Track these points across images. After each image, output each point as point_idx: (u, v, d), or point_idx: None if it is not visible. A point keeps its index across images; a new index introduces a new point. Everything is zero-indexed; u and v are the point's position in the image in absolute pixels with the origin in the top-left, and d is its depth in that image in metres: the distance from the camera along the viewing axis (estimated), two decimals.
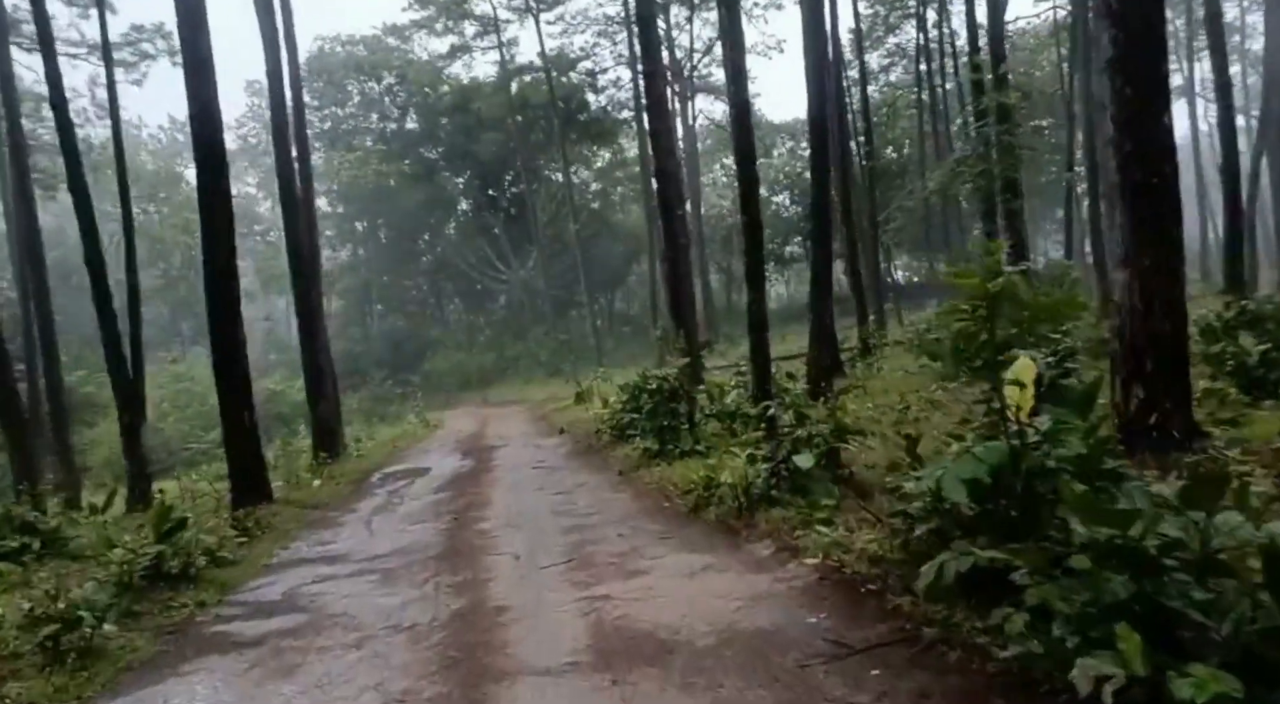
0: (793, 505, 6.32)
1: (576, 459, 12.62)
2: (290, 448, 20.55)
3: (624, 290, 57.93)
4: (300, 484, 12.76)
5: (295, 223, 16.64)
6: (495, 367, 43.57)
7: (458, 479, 12.08)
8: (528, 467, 12.43)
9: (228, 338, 10.56)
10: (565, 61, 45.03)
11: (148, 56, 29.20)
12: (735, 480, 6.78)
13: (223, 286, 10.48)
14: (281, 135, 16.69)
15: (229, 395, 10.55)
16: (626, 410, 13.00)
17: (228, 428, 10.62)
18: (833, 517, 5.89)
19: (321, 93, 45.71)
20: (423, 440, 21.08)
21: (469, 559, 6.80)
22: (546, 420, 22.10)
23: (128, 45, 28.29)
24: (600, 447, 13.19)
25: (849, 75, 52.31)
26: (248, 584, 6.85)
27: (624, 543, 6.65)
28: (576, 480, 10.43)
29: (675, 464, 9.62)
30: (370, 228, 49.25)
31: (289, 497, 11.48)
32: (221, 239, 10.43)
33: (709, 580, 5.20)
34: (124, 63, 29.21)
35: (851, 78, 52.91)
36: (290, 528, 9.23)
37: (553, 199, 49.54)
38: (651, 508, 8.03)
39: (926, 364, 17.13)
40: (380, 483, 12.73)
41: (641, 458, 10.51)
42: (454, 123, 45.97)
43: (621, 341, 46.59)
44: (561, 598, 5.24)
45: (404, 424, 28.76)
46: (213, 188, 10.37)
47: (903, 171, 49.50)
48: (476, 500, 9.85)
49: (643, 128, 42.21)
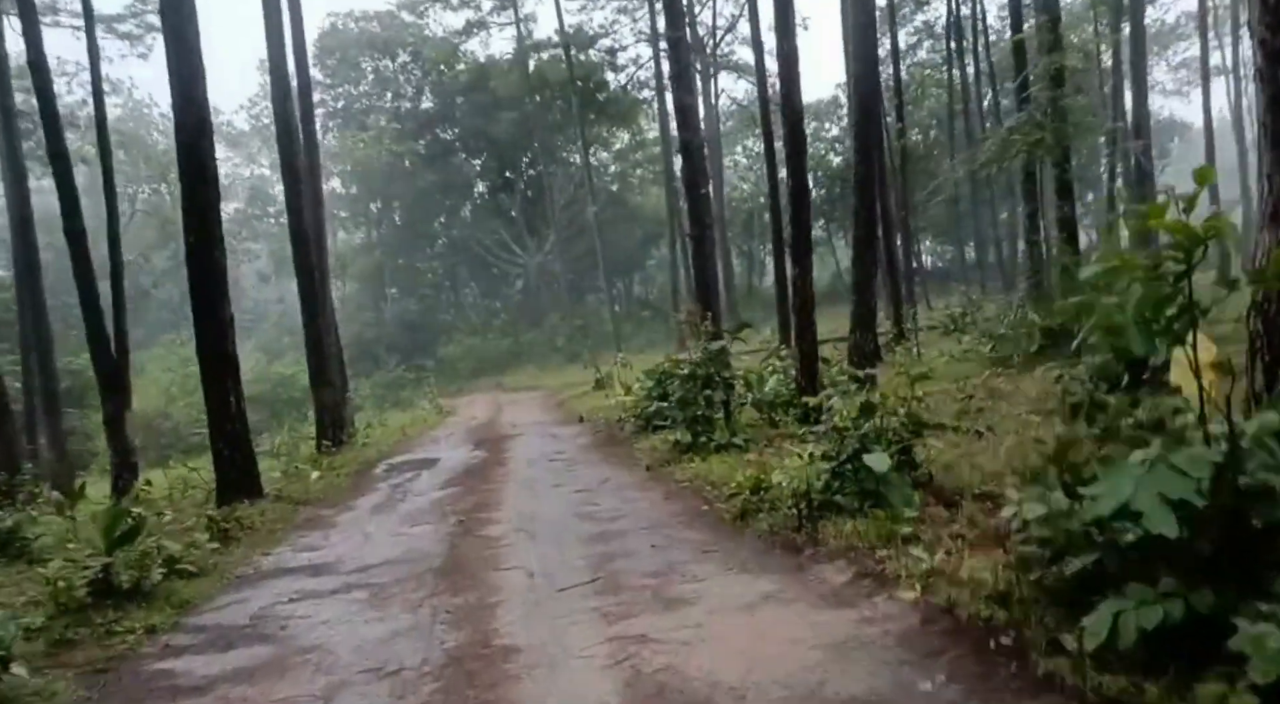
0: (865, 516, 5.19)
1: (598, 451, 11.52)
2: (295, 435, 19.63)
3: (642, 275, 56.78)
4: (298, 476, 11.76)
5: (296, 197, 15.60)
6: (511, 352, 42.61)
7: (468, 472, 11.02)
8: (544, 459, 11.35)
9: (212, 314, 9.53)
10: (584, 38, 43.66)
11: (153, 28, 28.15)
12: (792, 483, 5.64)
13: (204, 257, 9.44)
14: (281, 98, 15.61)
15: (213, 378, 9.54)
16: (652, 398, 11.90)
17: (212, 416, 9.60)
18: (918, 532, 4.75)
19: (334, 71, 44.69)
20: (434, 428, 20.11)
21: (474, 575, 5.72)
22: (564, 407, 21.06)
23: (132, 17, 27.30)
24: (624, 437, 12.09)
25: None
26: (212, 601, 5.81)
27: (659, 557, 5.55)
28: (599, 476, 9.34)
29: (710, 459, 8.50)
30: (384, 210, 48.28)
31: (283, 490, 10.47)
32: (201, 201, 9.38)
33: (773, 616, 4.07)
34: (129, 35, 28.26)
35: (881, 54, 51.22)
36: (276, 529, 8.20)
37: (570, 181, 48.36)
38: (687, 512, 6.91)
39: (974, 348, 15.93)
40: (384, 475, 11.70)
41: (671, 451, 9.40)
42: (470, 102, 44.79)
43: (640, 327, 45.50)
44: (586, 637, 4.14)
45: (416, 410, 27.87)
46: (191, 144, 9.31)
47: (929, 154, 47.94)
48: (486, 499, 8.78)
49: (664, 105, 40.90)
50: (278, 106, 15.93)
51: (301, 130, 17.70)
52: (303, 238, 15.72)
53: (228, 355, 9.61)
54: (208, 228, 9.50)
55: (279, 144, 15.81)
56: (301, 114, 18.08)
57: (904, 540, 4.62)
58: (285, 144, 15.62)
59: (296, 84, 17.78)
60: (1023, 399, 9.79)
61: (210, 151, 9.47)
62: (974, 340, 16.71)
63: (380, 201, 47.68)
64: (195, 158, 9.31)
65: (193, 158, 9.31)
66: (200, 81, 9.31)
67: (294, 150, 15.77)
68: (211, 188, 9.54)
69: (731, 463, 8.15)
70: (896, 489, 5.25)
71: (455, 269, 49.72)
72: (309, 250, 15.91)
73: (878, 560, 4.48)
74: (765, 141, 26.97)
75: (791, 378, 10.23)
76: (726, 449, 8.66)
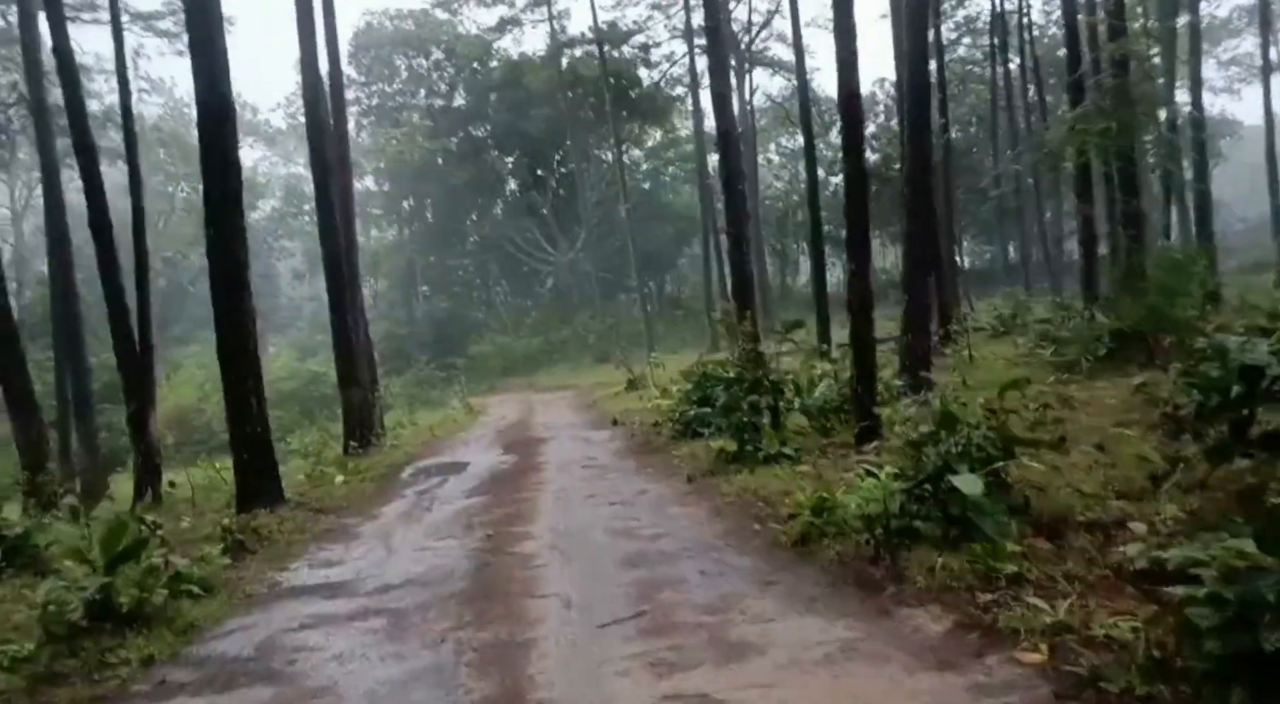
0: (953, 547, 4.50)
1: (634, 458, 10.89)
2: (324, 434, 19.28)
3: (674, 274, 56.14)
4: (322, 480, 11.30)
5: (325, 192, 15.19)
6: (541, 351, 42.21)
7: (497, 479, 10.46)
8: (577, 465, 10.75)
9: (233, 309, 9.06)
10: (618, 35, 43.11)
11: None
12: (866, 506, 4.95)
13: (225, 249, 8.98)
14: (312, 92, 15.20)
15: (234, 378, 9.07)
16: (692, 402, 11.26)
17: (232, 418, 9.14)
18: (1024, 571, 4.05)
19: (369, 69, 44.65)
20: (464, 429, 19.66)
21: (503, 602, 5.13)
22: (596, 409, 20.48)
23: (170, 14, 27.22)
24: (661, 443, 11.45)
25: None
26: (219, 626, 5.28)
27: (710, 587, 4.90)
28: (636, 487, 8.71)
29: (759, 471, 7.83)
30: (417, 207, 48.18)
31: (306, 495, 10.00)
32: (222, 189, 8.92)
33: (862, 677, 3.40)
34: (168, 33, 28.23)
35: None
36: (295, 540, 7.69)
37: (602, 179, 47.88)
38: (738, 532, 6.26)
39: (1032, 352, 15.05)
40: (410, 480, 11.19)
41: (715, 460, 8.74)
42: (503, 99, 44.49)
43: (672, 326, 44.86)
44: (634, 695, 3.51)
45: (446, 410, 27.51)
46: (213, 130, 8.84)
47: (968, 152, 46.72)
48: (517, 510, 8.20)
49: (699, 101, 40.22)
50: (309, 100, 15.53)
51: (333, 126, 17.35)
52: (331, 234, 15.32)
53: (249, 353, 9.14)
54: (229, 218, 9.04)
55: (309, 138, 15.44)
56: (333, 110, 17.72)
57: (1009, 581, 3.92)
58: (315, 138, 15.22)
59: (328, 79, 17.42)
60: (1101, 409, 9.00)
61: (233, 138, 9.01)
62: (1030, 343, 15.84)
63: (413, 199, 47.61)
64: (217, 144, 8.85)
65: (214, 144, 8.86)
66: (223, 63, 8.85)
67: (324, 145, 15.37)
68: (234, 176, 9.07)
69: (783, 476, 7.48)
70: (990, 517, 4.55)
71: (486, 267, 49.49)
72: (338, 246, 15.51)
73: (981, 606, 3.78)
74: (805, 135, 26.27)
75: (843, 382, 9.52)
76: (776, 460, 7.99)
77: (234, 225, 9.08)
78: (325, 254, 15.49)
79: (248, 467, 9.06)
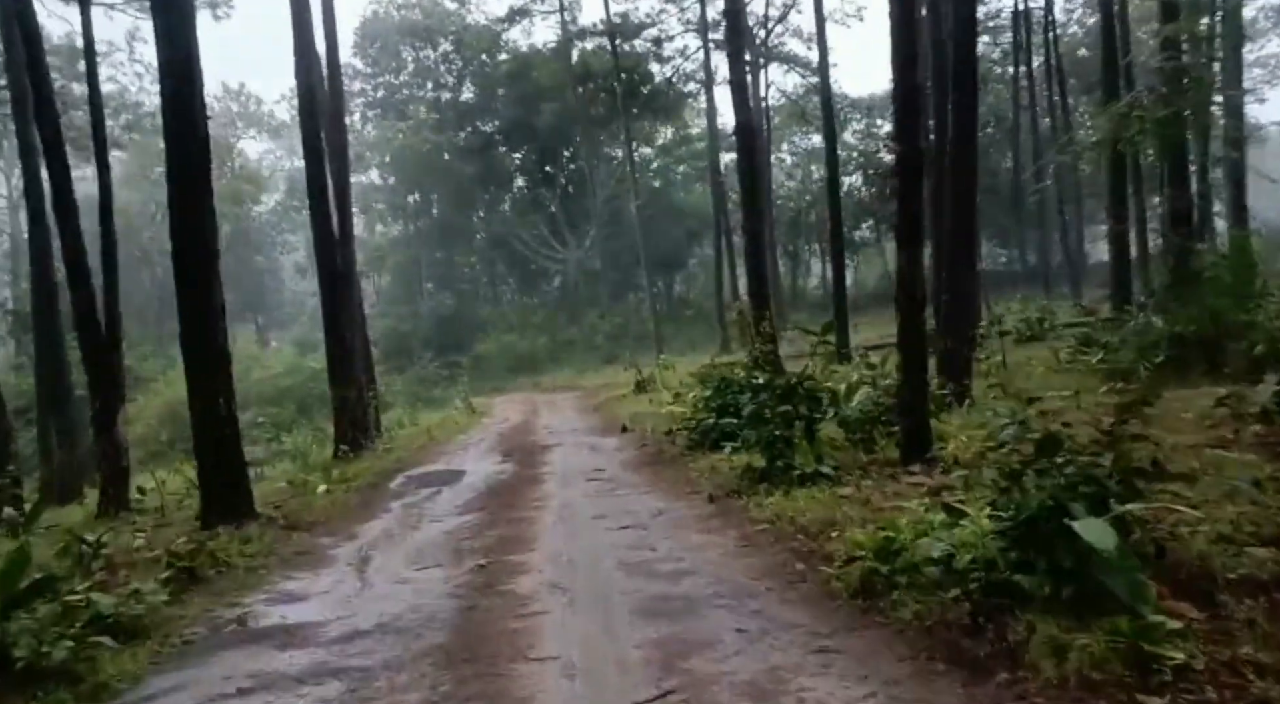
0: (1071, 613, 3.44)
1: (646, 470, 9.84)
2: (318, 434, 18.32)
3: (683, 273, 55.13)
4: (304, 489, 10.28)
5: (318, 177, 14.19)
6: (548, 350, 41.22)
7: (495, 492, 9.43)
8: (583, 477, 9.71)
9: (200, 301, 8.07)
10: (630, 27, 42.04)
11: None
12: (961, 555, 3.88)
13: (192, 233, 7.98)
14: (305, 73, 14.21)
15: (200, 377, 8.07)
16: (710, 409, 10.21)
17: (197, 422, 8.14)
18: (1191, 657, 2.99)
19: (375, 59, 43.71)
20: (464, 430, 18.63)
21: (490, 665, 4.09)
22: (604, 412, 19.44)
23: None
24: (675, 453, 10.40)
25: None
26: (136, 689, 4.25)
27: (754, 655, 3.85)
28: (651, 505, 7.66)
29: (794, 493, 6.77)
30: (423, 202, 47.21)
31: (282, 508, 9.00)
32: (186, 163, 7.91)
33: None
34: None
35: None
36: (256, 566, 6.66)
37: (612, 176, 46.86)
38: (778, 571, 5.20)
39: (1077, 357, 13.94)
40: (400, 491, 10.17)
41: (741, 478, 7.68)
42: (511, 93, 43.47)
43: (681, 327, 43.85)
44: None
45: (448, 410, 26.54)
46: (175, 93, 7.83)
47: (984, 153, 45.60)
48: (514, 532, 7.17)
49: (712, 97, 39.15)
50: (300, 81, 14.53)
51: (330, 113, 16.41)
52: (324, 224, 14.33)
53: (218, 350, 8.13)
54: (196, 196, 8.03)
55: (301, 125, 14.40)
56: (329, 92, 16.76)
57: (1176, 673, 2.86)
58: (307, 123, 14.22)
59: (325, 61, 16.45)
60: (1177, 424, 7.91)
61: (199, 103, 8.00)
62: (1071, 348, 14.74)
63: (419, 194, 46.65)
64: (180, 108, 7.85)
65: (177, 107, 7.85)
66: (188, 18, 7.85)
67: (317, 130, 14.38)
68: (201, 148, 8.07)
69: (824, 500, 6.42)
70: (1122, 574, 3.48)
71: (493, 264, 48.53)
72: (330, 238, 14.52)
73: None
74: (826, 130, 25.13)
75: (879, 390, 8.45)
76: (812, 480, 6.93)
77: (202, 205, 8.07)
78: (317, 246, 14.52)
79: (213, 477, 8.05)
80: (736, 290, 38.86)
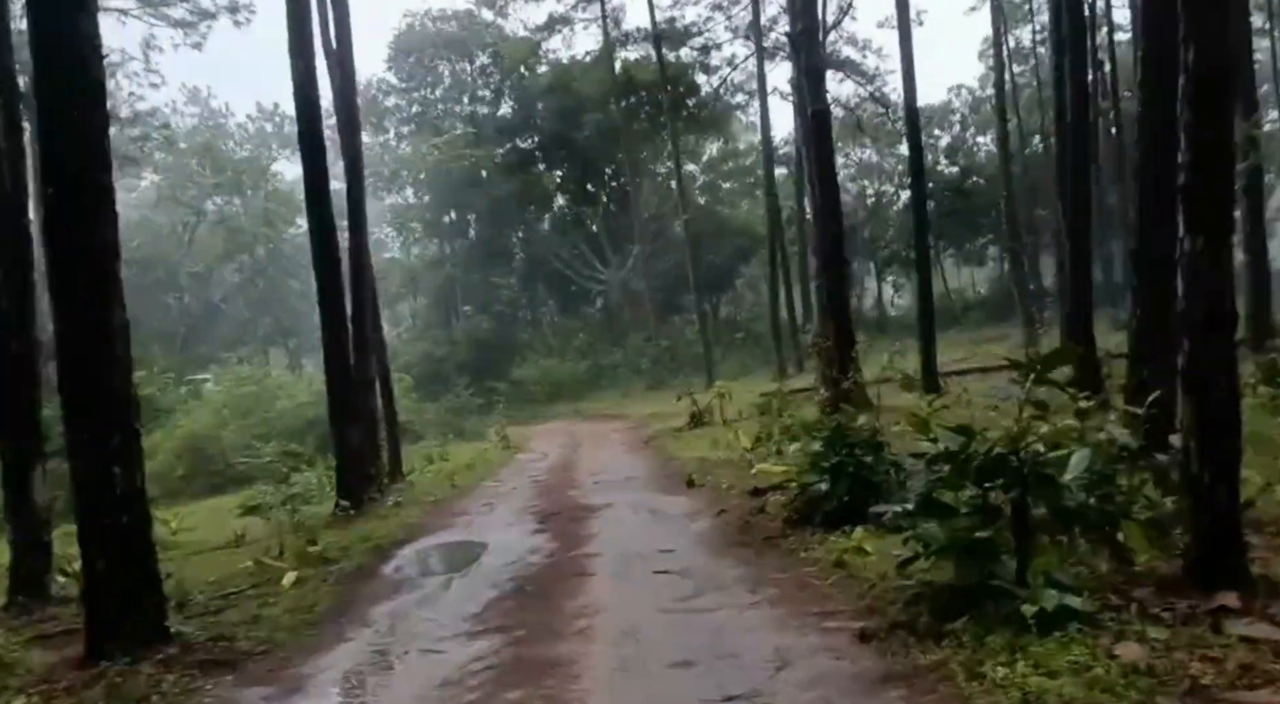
0: None
1: (736, 561, 6.91)
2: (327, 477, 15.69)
3: (730, 294, 52.31)
4: (267, 578, 7.61)
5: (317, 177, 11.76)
6: (589, 375, 38.64)
7: (522, 591, 6.64)
8: (646, 570, 6.86)
9: (88, 322, 5.49)
10: (676, 34, 39.60)
11: (207, 15, 25.42)
12: None
13: (79, 222, 5.42)
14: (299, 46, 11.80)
15: (79, 431, 5.47)
16: (822, 469, 7.33)
17: (79, 499, 5.50)
18: None
19: (410, 73, 41.96)
20: (495, 472, 16.00)
21: None
22: (657, 450, 16.61)
23: (182, 1, 24.58)
24: (773, 531, 7.49)
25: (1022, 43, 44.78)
26: None
27: None
28: (765, 645, 4.77)
29: (1032, 647, 3.86)
30: (459, 221, 45.20)
31: (219, 616, 6.35)
32: (70, 121, 5.37)
33: None
34: (183, 23, 25.59)
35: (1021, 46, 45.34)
36: None
37: (656, 193, 44.42)
38: None
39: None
40: (392, 582, 7.43)
41: (915, 602, 4.77)
42: (551, 107, 41.34)
43: (731, 350, 40.98)
44: None
45: (481, 444, 24.03)
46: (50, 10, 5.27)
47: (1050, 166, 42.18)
48: (548, 688, 4.36)
49: (765, 105, 36.25)
50: (297, 81, 11.90)
51: (344, 116, 14.15)
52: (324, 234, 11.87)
53: (114, 393, 5.51)
54: (84, 169, 5.47)
55: (295, 104, 11.93)
56: (340, 91, 14.45)
57: None
58: (302, 106, 11.79)
59: (339, 63, 14.16)
60: None
61: (92, 34, 5.43)
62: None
63: (455, 213, 44.68)
64: (63, 40, 5.31)
65: (58, 39, 5.32)
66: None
67: (314, 115, 11.96)
68: (93, 104, 5.51)
69: (1094, 668, 3.53)
70: None
71: (533, 286, 46.25)
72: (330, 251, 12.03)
73: None
74: (910, 136, 21.52)
75: (1119, 447, 5.46)
76: (1056, 622, 4.01)
77: (94, 185, 5.51)
78: (315, 260, 12.03)
79: (105, 585, 5.40)
80: (793, 311, 35.88)
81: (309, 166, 11.83)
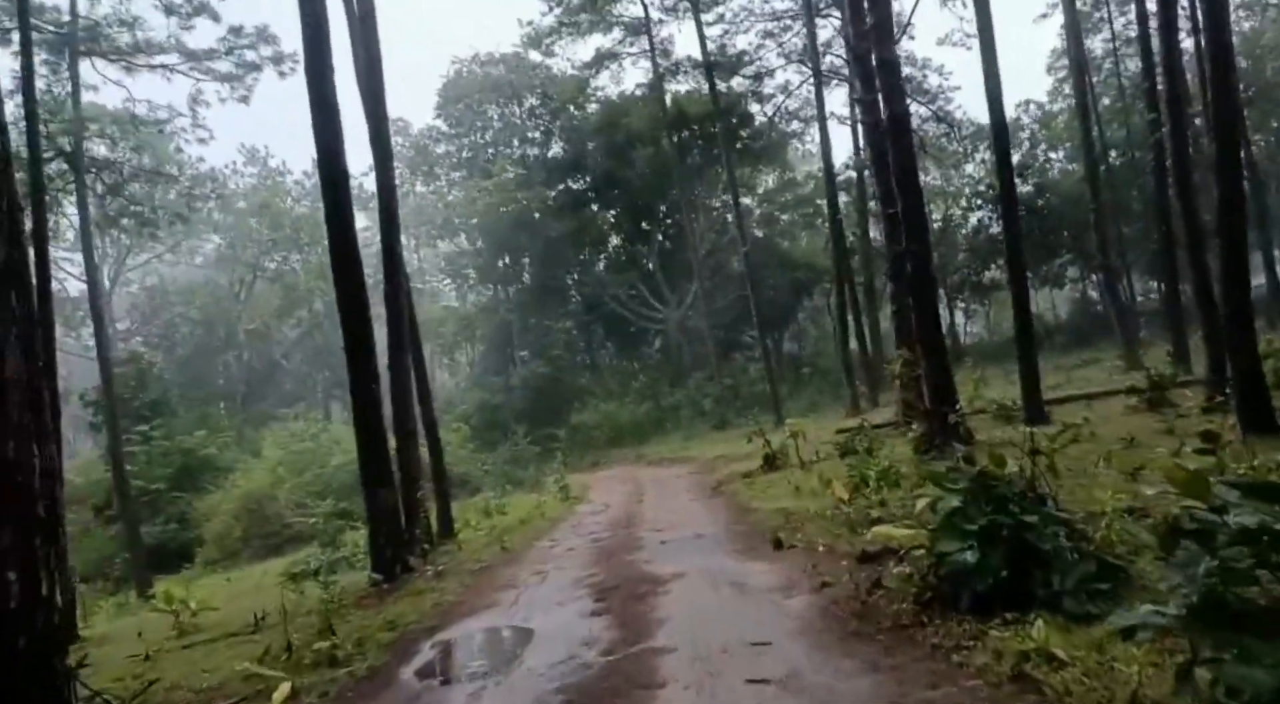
0: None
1: (861, 661, 5.12)
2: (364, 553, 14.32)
3: (793, 329, 50.36)
4: (258, 691, 6.10)
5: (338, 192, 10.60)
6: (650, 418, 37.02)
7: None
8: (735, 672, 5.11)
9: None
10: (728, 64, 38.51)
11: (253, 67, 25.26)
12: None
13: None
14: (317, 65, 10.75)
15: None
16: (964, 534, 5.52)
17: None
18: None
19: (459, 119, 41.82)
20: (551, 530, 14.40)
21: None
22: (729, 499, 14.78)
23: (227, 54, 24.44)
24: (907, 617, 5.66)
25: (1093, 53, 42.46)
26: None
27: None
28: None
29: None
30: (513, 265, 44.54)
31: None
32: None
33: None
34: (229, 76, 25.48)
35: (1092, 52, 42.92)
36: None
37: (712, 228, 43.08)
38: None
39: None
40: (411, 694, 5.83)
41: None
42: (601, 145, 40.60)
43: (798, 386, 38.94)
44: None
45: (540, 494, 22.57)
46: None
47: (1136, 176, 39.47)
48: None
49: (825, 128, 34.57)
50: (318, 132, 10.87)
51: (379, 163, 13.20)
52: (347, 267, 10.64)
53: (17, 476, 4.10)
54: None
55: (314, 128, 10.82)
56: (376, 144, 13.48)
57: None
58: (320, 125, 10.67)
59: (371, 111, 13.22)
60: None
61: None
62: None
63: (509, 257, 44.06)
64: None
65: None
66: None
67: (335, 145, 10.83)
68: None
69: None
70: None
71: (590, 328, 45.15)
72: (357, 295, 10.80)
73: None
74: (998, 145, 19.36)
75: None
76: None
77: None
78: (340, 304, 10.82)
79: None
80: (864, 342, 33.76)
81: (326, 187, 10.68)
